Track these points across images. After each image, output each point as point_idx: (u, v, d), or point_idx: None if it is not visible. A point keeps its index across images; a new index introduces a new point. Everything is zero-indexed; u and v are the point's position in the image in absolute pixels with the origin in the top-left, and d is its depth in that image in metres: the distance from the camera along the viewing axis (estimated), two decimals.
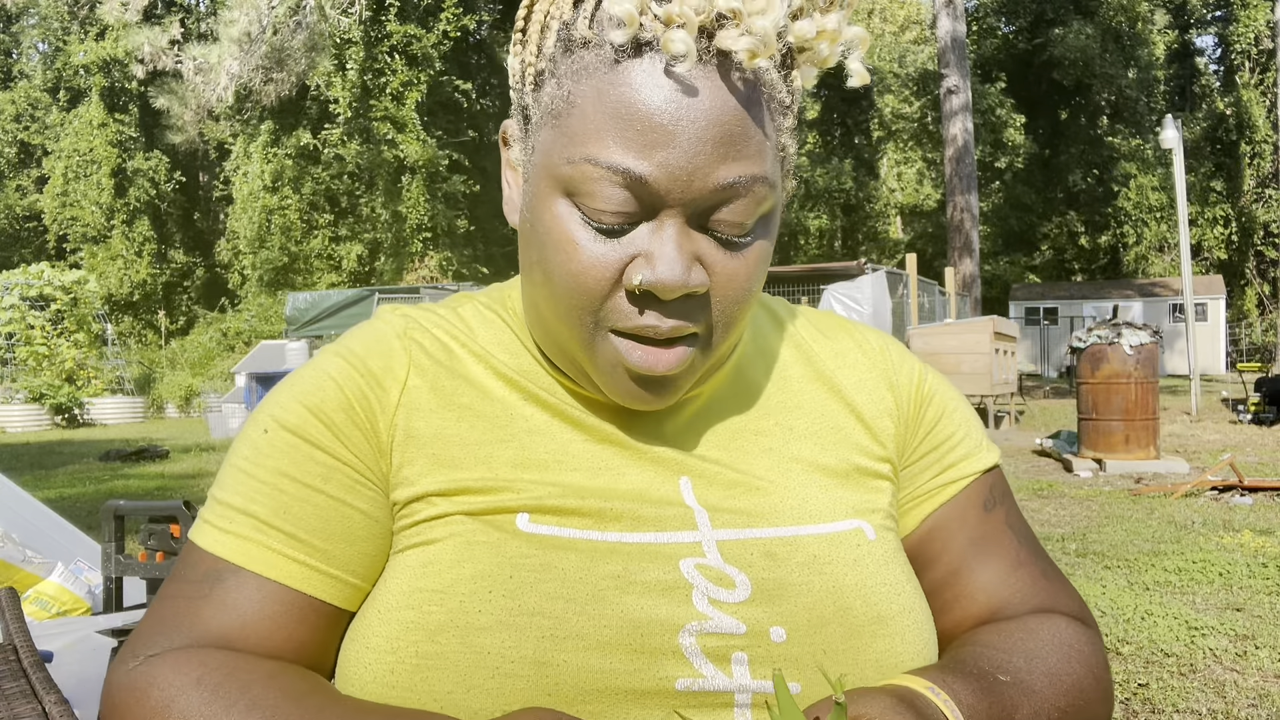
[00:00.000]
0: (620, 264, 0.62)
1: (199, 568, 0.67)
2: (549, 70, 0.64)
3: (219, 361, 22.52)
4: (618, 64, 0.60)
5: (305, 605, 0.66)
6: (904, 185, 31.59)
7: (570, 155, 0.61)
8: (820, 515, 0.70)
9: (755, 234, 0.64)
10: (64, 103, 29.79)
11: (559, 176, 0.62)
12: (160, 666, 0.63)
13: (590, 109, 0.60)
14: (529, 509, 0.66)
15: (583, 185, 0.61)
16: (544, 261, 0.65)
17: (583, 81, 0.61)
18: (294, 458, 0.68)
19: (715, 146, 0.60)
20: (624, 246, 0.62)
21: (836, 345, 0.81)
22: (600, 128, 0.60)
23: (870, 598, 0.67)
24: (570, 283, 0.63)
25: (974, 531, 0.77)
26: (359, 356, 0.72)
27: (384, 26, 22.52)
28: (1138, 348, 7.55)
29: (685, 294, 0.62)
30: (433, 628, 0.62)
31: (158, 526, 2.47)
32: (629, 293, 0.63)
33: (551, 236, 0.63)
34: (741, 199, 0.61)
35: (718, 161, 0.60)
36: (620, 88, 0.60)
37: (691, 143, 0.59)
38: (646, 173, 0.59)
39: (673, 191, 0.60)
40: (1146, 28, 31.45)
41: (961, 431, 0.80)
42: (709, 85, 0.59)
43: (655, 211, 0.61)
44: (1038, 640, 0.70)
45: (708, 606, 0.63)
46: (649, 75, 0.59)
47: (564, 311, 0.65)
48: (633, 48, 0.60)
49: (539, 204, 0.65)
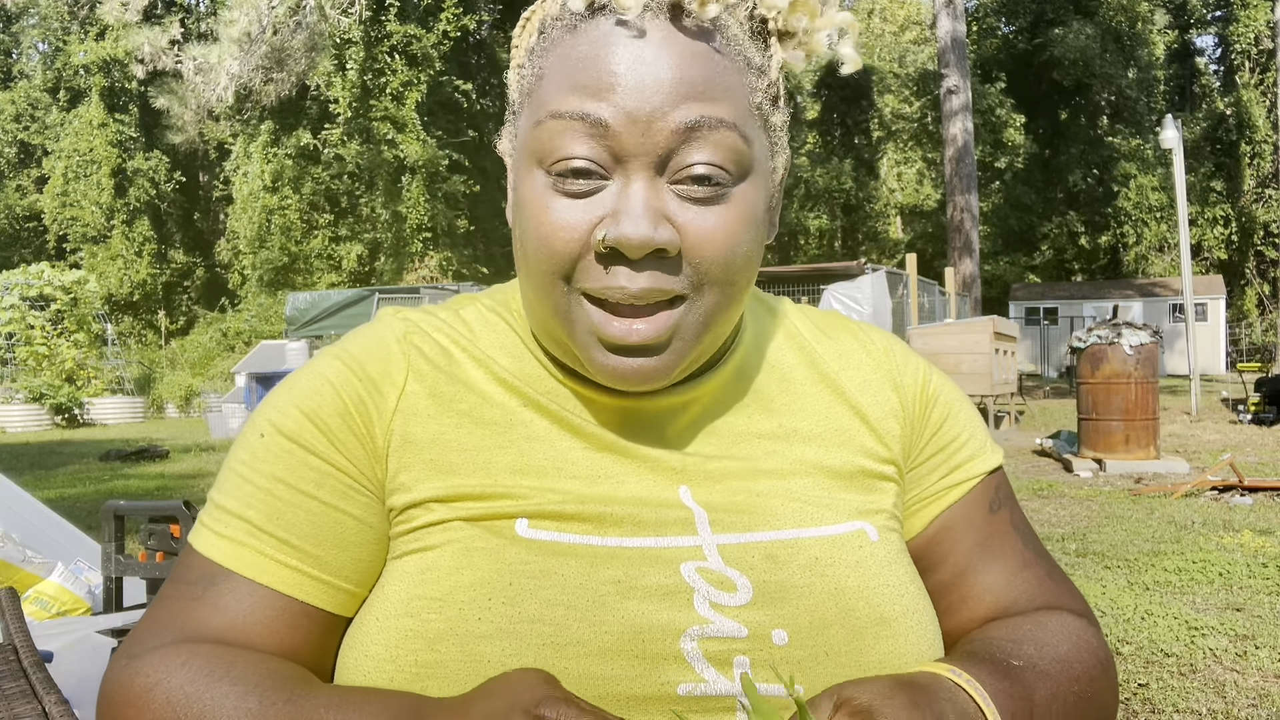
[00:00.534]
0: (589, 225, 0.63)
1: (194, 570, 0.68)
2: (527, 60, 0.67)
3: (219, 361, 22.52)
4: (576, 28, 0.63)
5: (297, 610, 0.66)
6: (904, 185, 31.57)
7: (538, 118, 0.64)
8: (822, 517, 0.70)
9: (730, 190, 0.63)
10: (64, 103, 29.79)
11: (531, 146, 0.64)
12: (150, 658, 0.64)
13: (553, 75, 0.64)
14: (528, 515, 0.66)
15: (549, 143, 0.63)
16: (522, 235, 0.66)
17: (549, 55, 0.65)
18: (288, 463, 0.68)
19: (673, 87, 0.61)
20: (593, 207, 0.63)
21: (840, 346, 0.80)
22: (560, 85, 0.63)
23: (873, 599, 0.66)
24: (541, 246, 0.64)
25: (980, 533, 0.77)
26: (357, 361, 0.72)
27: (384, 26, 22.51)
28: (1138, 348, 7.55)
29: (655, 252, 0.62)
30: (432, 636, 0.62)
31: (158, 526, 2.47)
32: (598, 253, 0.63)
33: (527, 207, 0.65)
34: (705, 141, 0.61)
35: (677, 101, 0.61)
36: (579, 46, 0.63)
37: (649, 85, 0.60)
38: (604, 114, 0.61)
39: (632, 133, 0.61)
40: (1146, 28, 31.44)
41: (967, 432, 0.80)
42: (664, 33, 0.61)
43: (620, 162, 0.62)
44: (1046, 631, 0.71)
45: (709, 610, 0.63)
46: (604, 31, 0.62)
47: (539, 277, 0.65)
48: (590, 11, 0.63)
49: (519, 182, 0.67)
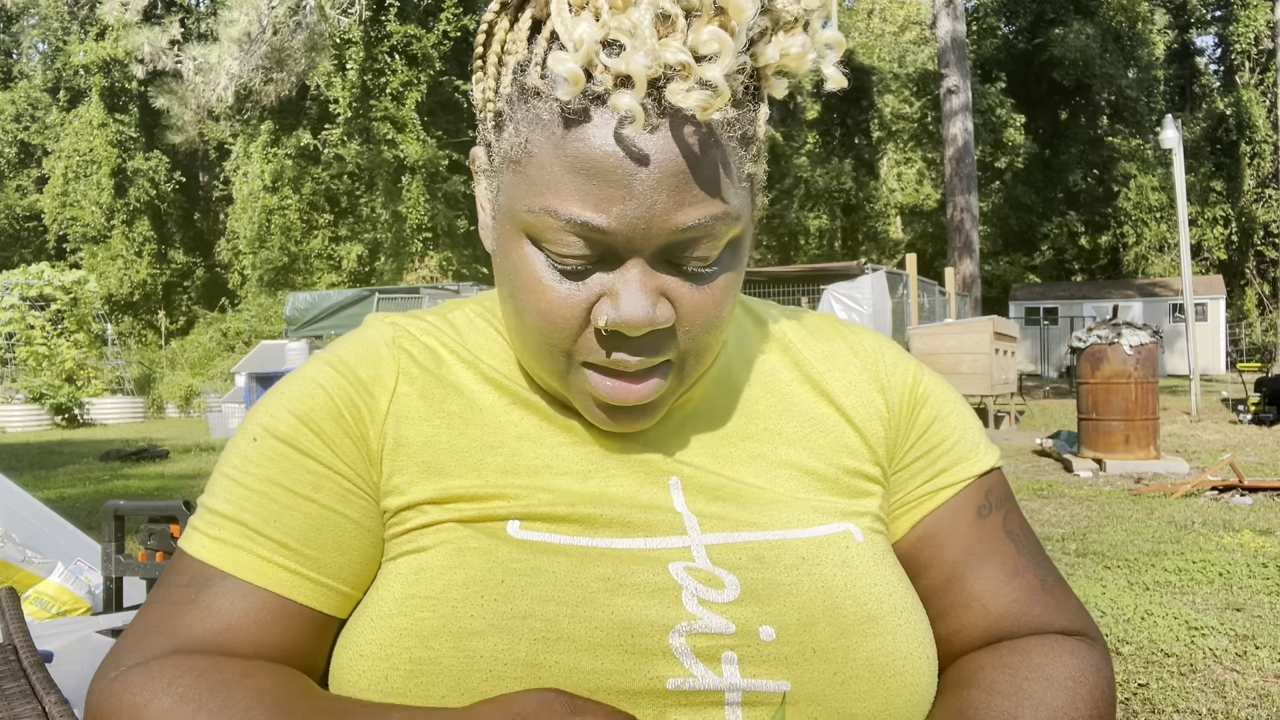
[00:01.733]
0: (587, 304, 0.63)
1: (186, 573, 0.67)
2: (507, 114, 0.64)
3: (219, 361, 22.52)
4: (568, 121, 0.60)
5: (293, 612, 0.67)
6: (904, 185, 31.58)
7: (530, 205, 0.62)
8: (808, 519, 0.70)
9: (721, 264, 0.65)
10: (64, 103, 29.80)
11: (522, 223, 0.64)
12: (137, 674, 0.63)
13: (547, 161, 0.61)
14: (520, 516, 0.67)
15: (544, 234, 0.62)
16: (515, 299, 0.66)
17: (537, 131, 0.62)
18: (284, 466, 0.68)
19: (671, 195, 0.60)
20: (590, 286, 0.63)
21: (827, 347, 0.80)
22: (557, 181, 0.61)
23: (860, 597, 0.67)
24: (540, 322, 0.64)
25: (967, 538, 0.76)
26: (348, 365, 0.72)
27: (384, 26, 22.53)
28: (1138, 348, 7.56)
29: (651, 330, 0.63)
30: (426, 634, 0.62)
31: (158, 526, 2.48)
32: (597, 331, 0.64)
33: (520, 277, 0.65)
34: (703, 239, 0.62)
35: (674, 209, 0.60)
36: (574, 143, 0.60)
37: (647, 194, 0.60)
38: (605, 225, 0.60)
39: (633, 240, 0.61)
40: (1146, 28, 31.45)
41: (956, 436, 0.79)
42: (661, 139, 0.60)
43: (622, 256, 0.62)
44: (1043, 680, 0.69)
45: (697, 607, 0.64)
46: (601, 132, 0.59)
47: (535, 347, 0.66)
48: (584, 103, 0.60)
49: (507, 244, 0.66)
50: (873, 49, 33.35)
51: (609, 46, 0.58)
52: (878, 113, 31.74)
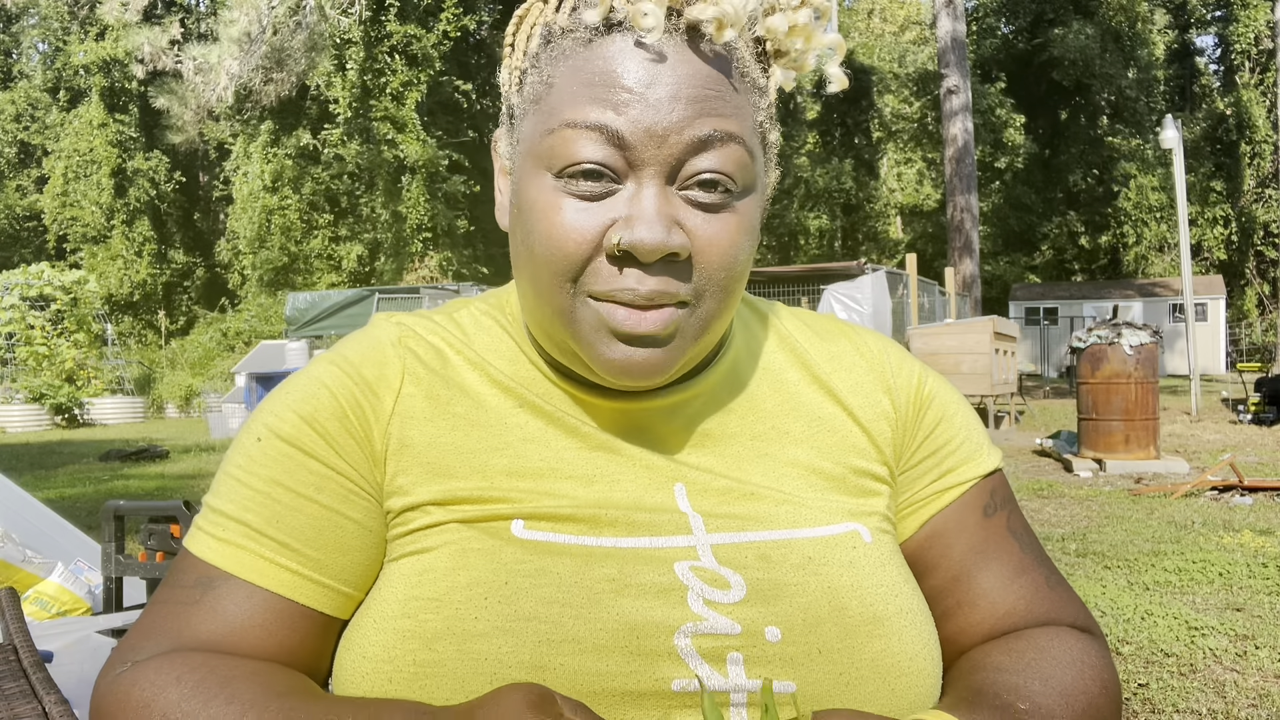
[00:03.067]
0: (601, 228, 0.63)
1: (190, 574, 0.67)
2: (531, 66, 0.67)
3: (219, 361, 22.52)
4: (591, 42, 0.63)
5: (296, 613, 0.67)
6: (904, 185, 31.57)
7: (550, 126, 0.64)
8: (815, 518, 0.70)
9: (735, 201, 0.65)
10: (64, 103, 29.79)
11: (540, 152, 0.64)
12: (144, 670, 0.63)
13: (566, 84, 0.64)
14: (524, 516, 0.67)
15: (561, 149, 0.63)
16: (528, 236, 0.66)
17: (560, 64, 0.64)
18: (287, 466, 0.68)
19: (688, 104, 0.62)
20: (604, 211, 0.63)
21: (833, 348, 0.80)
22: (576, 95, 0.63)
23: (866, 598, 0.67)
24: (551, 248, 0.64)
25: (974, 537, 0.76)
26: (353, 364, 0.72)
27: (384, 26, 22.51)
28: (1138, 348, 7.55)
29: (666, 256, 0.63)
30: (429, 636, 0.62)
31: (158, 527, 2.47)
32: (609, 256, 0.63)
33: (535, 209, 0.65)
34: (716, 152, 0.63)
35: (691, 117, 0.62)
36: (595, 60, 0.63)
37: (664, 101, 0.62)
38: (622, 127, 0.62)
39: (648, 145, 0.62)
40: (1146, 28, 31.43)
41: (961, 436, 0.79)
42: (680, 53, 0.62)
43: (633, 169, 0.63)
44: (1050, 659, 0.70)
45: (703, 607, 0.64)
46: (620, 47, 0.62)
47: (546, 280, 0.65)
48: (605, 27, 0.63)
49: (524, 185, 0.66)
50: (873, 49, 33.34)
51: None
52: (878, 113, 31.73)
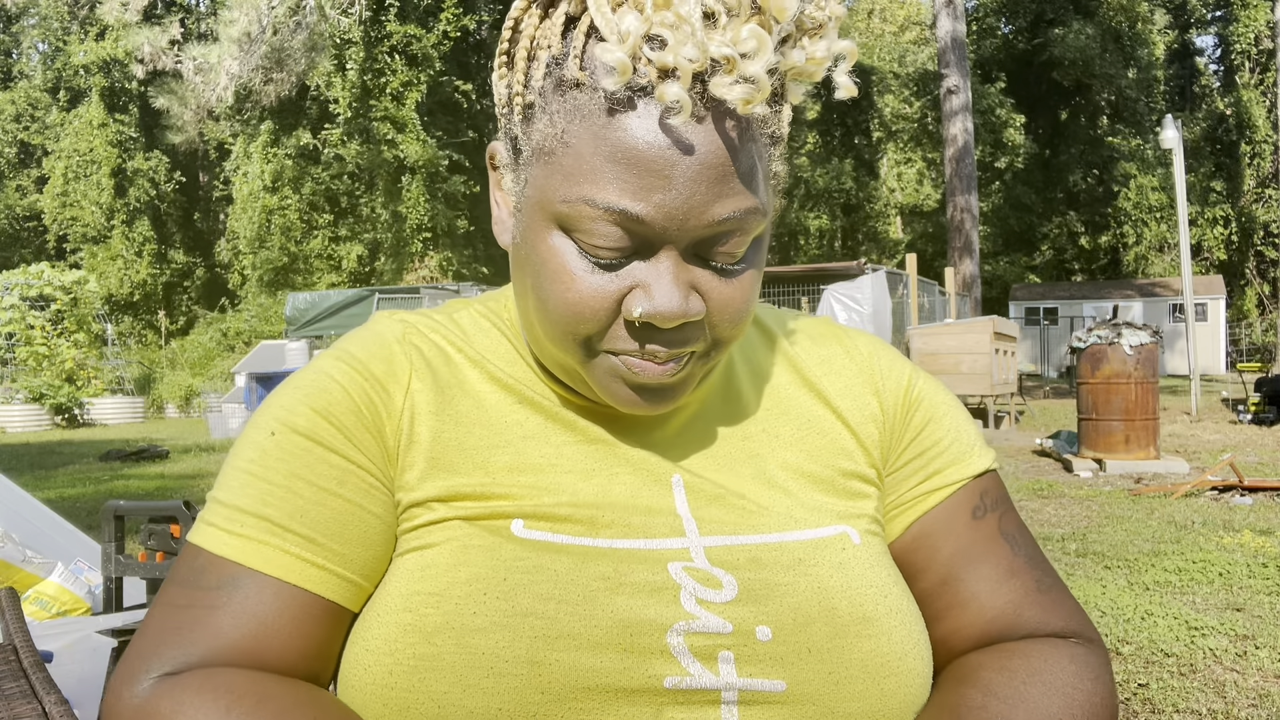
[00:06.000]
0: (618, 295, 0.64)
1: (210, 574, 0.66)
2: (539, 105, 0.64)
3: (219, 361, 22.54)
4: (612, 110, 0.60)
5: (322, 609, 0.66)
6: (904, 185, 31.58)
7: (566, 195, 0.62)
8: (805, 521, 0.71)
9: (748, 259, 0.66)
10: (64, 103, 29.80)
11: (555, 213, 0.63)
12: (182, 691, 0.62)
13: (586, 151, 0.61)
14: (524, 515, 0.67)
15: (579, 223, 0.62)
16: (539, 290, 0.66)
17: (576, 122, 0.62)
18: (307, 460, 0.68)
19: (710, 186, 0.61)
20: (621, 278, 0.63)
21: (824, 351, 0.81)
22: (596, 170, 0.61)
23: (855, 598, 0.67)
24: (567, 312, 0.64)
25: (962, 539, 0.76)
26: (360, 361, 0.72)
27: (384, 26, 22.52)
28: (1138, 348, 7.55)
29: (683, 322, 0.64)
30: (429, 630, 0.63)
31: (158, 526, 2.47)
32: (628, 323, 0.64)
33: (548, 268, 0.64)
34: (735, 233, 0.63)
35: (712, 200, 0.61)
36: (616, 132, 0.60)
37: (687, 185, 0.60)
38: (643, 213, 0.61)
39: (669, 230, 0.61)
40: (1146, 28, 31.44)
41: (950, 437, 0.79)
42: (704, 131, 0.60)
43: (656, 247, 0.63)
44: (1041, 684, 0.69)
45: (695, 606, 0.64)
46: (644, 122, 0.60)
47: (559, 337, 0.66)
48: (627, 94, 0.60)
49: (534, 236, 0.65)
50: (873, 49, 33.34)
51: (650, 41, 0.59)
52: (878, 113, 31.73)
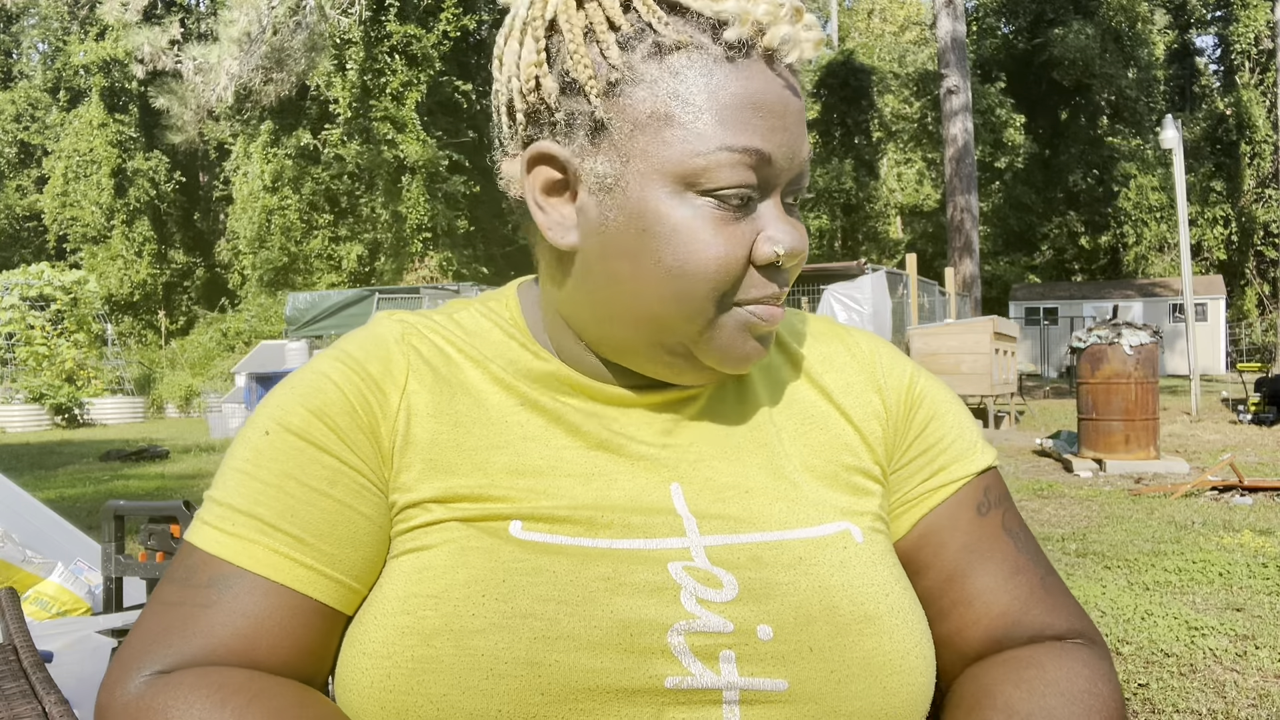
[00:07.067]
0: (749, 242, 0.67)
1: (202, 572, 0.66)
2: (627, 79, 0.65)
3: (219, 361, 22.54)
4: (730, 59, 0.65)
5: (310, 610, 0.66)
6: (904, 185, 31.56)
7: (699, 148, 0.65)
8: (807, 519, 0.70)
9: None
10: (64, 103, 29.80)
11: (684, 172, 0.65)
12: (175, 688, 0.62)
13: (710, 104, 0.65)
14: (522, 517, 0.67)
15: (715, 175, 0.65)
16: (673, 259, 0.66)
17: (688, 81, 0.65)
18: (299, 460, 0.68)
19: (800, 127, 0.69)
20: (749, 226, 0.67)
21: (826, 349, 0.81)
22: (727, 117, 0.65)
23: (857, 597, 0.67)
24: (713, 267, 0.66)
25: (967, 536, 0.76)
26: (358, 361, 0.72)
27: (384, 26, 22.51)
28: (1138, 348, 7.55)
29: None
30: (427, 632, 0.62)
31: (158, 526, 2.47)
32: (759, 269, 0.68)
33: (680, 230, 0.66)
34: (808, 172, 0.71)
35: (802, 140, 0.69)
36: (739, 82, 0.65)
37: (795, 125, 0.68)
38: (773, 153, 0.66)
39: (788, 169, 0.68)
40: (1146, 28, 31.44)
41: (953, 434, 0.80)
42: (789, 75, 0.68)
43: (770, 189, 0.68)
44: (1059, 695, 0.69)
45: (696, 606, 0.64)
46: (759, 67, 0.66)
47: (700, 295, 0.67)
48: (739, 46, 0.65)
49: (653, 203, 0.66)
50: (873, 49, 33.35)
51: None
52: (878, 113, 31.72)
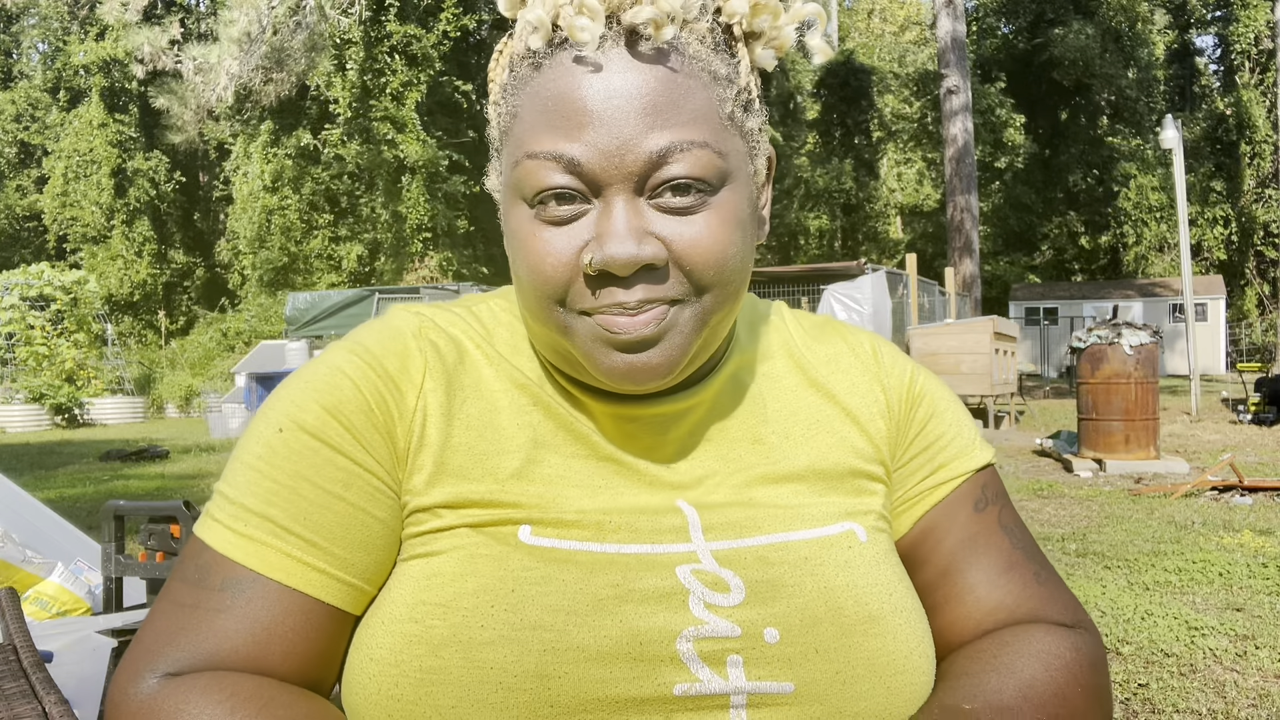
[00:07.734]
0: (575, 250, 0.64)
1: (215, 573, 0.65)
2: (501, 98, 0.68)
3: (219, 361, 22.53)
4: (540, 66, 0.64)
5: (323, 613, 0.66)
6: (904, 185, 31.55)
7: (515, 158, 0.65)
8: (812, 519, 0.71)
9: (710, 198, 0.64)
10: (64, 103, 29.78)
11: (512, 183, 0.66)
12: (187, 691, 0.62)
13: (526, 112, 0.65)
14: (531, 522, 0.67)
15: (528, 180, 0.64)
16: (515, 264, 0.68)
17: (520, 93, 0.66)
18: (313, 461, 0.67)
19: (640, 119, 0.62)
20: (577, 233, 0.64)
21: (829, 349, 0.81)
22: (534, 125, 0.64)
23: (861, 597, 0.67)
24: (534, 274, 0.65)
25: (964, 532, 0.77)
26: (375, 356, 0.70)
27: (384, 26, 22.50)
28: (1138, 348, 7.55)
29: (643, 267, 0.63)
30: (435, 642, 0.62)
31: (158, 526, 2.47)
32: (587, 276, 0.64)
33: (516, 238, 0.66)
34: (678, 160, 0.62)
35: (644, 132, 0.62)
36: (546, 85, 0.64)
37: (615, 119, 0.62)
38: (578, 154, 0.62)
39: (608, 168, 0.62)
40: (1146, 28, 31.43)
41: (952, 431, 0.80)
42: (624, 62, 0.62)
43: (601, 189, 0.63)
44: (1012, 652, 0.70)
45: (703, 611, 0.64)
46: (566, 67, 0.63)
47: (535, 304, 0.67)
48: (551, 47, 0.64)
49: (507, 215, 0.68)
50: (873, 49, 33.34)
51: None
52: (878, 113, 31.71)
